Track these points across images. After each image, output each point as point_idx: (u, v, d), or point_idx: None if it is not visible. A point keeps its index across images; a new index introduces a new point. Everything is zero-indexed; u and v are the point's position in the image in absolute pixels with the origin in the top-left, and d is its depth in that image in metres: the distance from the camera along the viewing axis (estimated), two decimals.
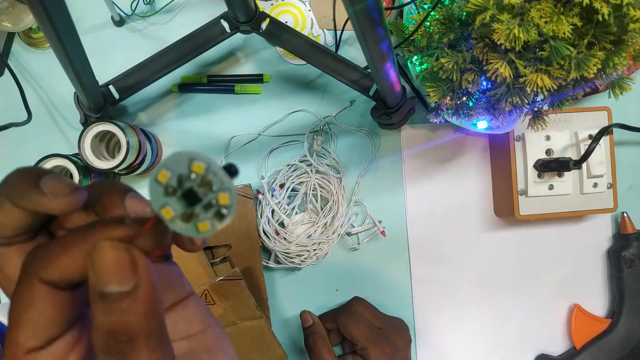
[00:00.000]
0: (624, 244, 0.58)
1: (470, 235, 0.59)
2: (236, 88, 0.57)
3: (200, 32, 0.50)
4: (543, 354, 0.59)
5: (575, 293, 0.60)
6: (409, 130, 0.58)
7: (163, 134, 0.57)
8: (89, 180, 0.49)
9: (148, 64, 0.50)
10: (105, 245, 0.16)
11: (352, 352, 0.51)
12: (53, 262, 0.17)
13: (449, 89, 0.42)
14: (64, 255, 0.17)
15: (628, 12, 0.31)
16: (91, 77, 0.44)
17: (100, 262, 0.16)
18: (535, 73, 0.35)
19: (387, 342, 0.49)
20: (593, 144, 0.50)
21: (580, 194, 0.54)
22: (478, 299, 0.59)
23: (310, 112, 0.57)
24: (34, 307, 0.17)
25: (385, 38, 0.36)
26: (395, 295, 0.58)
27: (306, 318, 0.53)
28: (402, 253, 0.58)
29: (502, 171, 0.56)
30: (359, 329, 0.50)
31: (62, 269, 0.17)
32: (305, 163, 0.56)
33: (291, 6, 0.58)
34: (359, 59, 0.55)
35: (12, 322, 0.17)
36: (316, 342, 0.50)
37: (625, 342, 0.57)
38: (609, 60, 0.34)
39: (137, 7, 0.56)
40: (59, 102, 0.56)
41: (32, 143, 0.56)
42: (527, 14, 0.33)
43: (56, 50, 0.37)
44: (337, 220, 0.55)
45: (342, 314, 0.51)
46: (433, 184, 0.58)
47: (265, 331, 0.52)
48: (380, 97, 0.50)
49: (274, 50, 0.58)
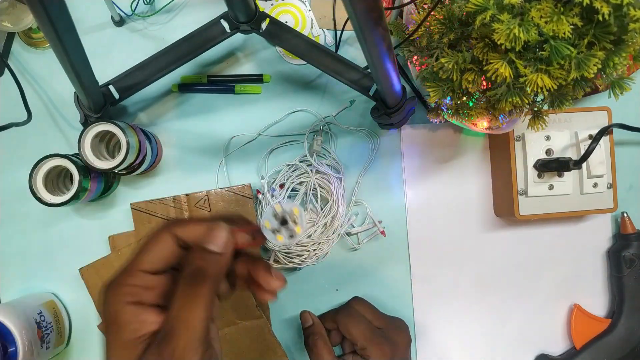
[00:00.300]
0: (624, 244, 0.58)
1: (470, 235, 0.59)
2: (236, 88, 0.57)
3: (200, 32, 0.50)
4: (543, 354, 0.59)
5: (575, 293, 0.60)
6: (409, 130, 0.58)
7: (163, 134, 0.57)
8: (88, 180, 0.49)
9: (148, 64, 0.50)
10: (223, 227, 0.29)
11: (352, 352, 0.51)
12: (186, 227, 0.29)
13: (449, 89, 0.42)
14: (194, 226, 0.29)
15: (628, 12, 0.31)
16: (91, 77, 0.44)
17: (216, 232, 0.28)
18: (535, 73, 0.35)
19: (386, 342, 0.49)
20: (593, 144, 0.50)
21: (580, 194, 0.54)
22: (478, 298, 0.59)
23: (310, 112, 0.57)
24: (161, 245, 0.28)
25: (385, 38, 0.36)
26: (395, 295, 0.58)
27: (306, 318, 0.53)
28: (402, 253, 0.58)
29: (502, 171, 0.56)
30: (358, 328, 0.50)
31: (189, 232, 0.28)
32: (305, 163, 0.56)
33: (291, 6, 0.58)
34: (359, 59, 0.55)
35: (141, 249, 0.28)
36: (316, 342, 0.50)
37: (625, 342, 0.57)
38: (609, 60, 0.34)
39: (137, 7, 0.56)
40: (59, 102, 0.56)
41: (32, 143, 0.56)
42: (527, 14, 0.33)
43: (56, 50, 0.37)
44: (337, 220, 0.55)
45: (342, 314, 0.51)
46: (433, 184, 0.58)
47: (265, 331, 0.52)
48: (380, 97, 0.50)
49: (274, 50, 0.58)
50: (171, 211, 0.54)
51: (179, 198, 0.54)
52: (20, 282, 0.55)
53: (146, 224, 0.53)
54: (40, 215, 0.55)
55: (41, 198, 0.47)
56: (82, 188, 0.48)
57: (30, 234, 0.55)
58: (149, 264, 0.28)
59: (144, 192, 0.56)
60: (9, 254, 0.55)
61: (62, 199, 0.47)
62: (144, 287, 0.27)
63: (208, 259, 0.27)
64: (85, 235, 0.56)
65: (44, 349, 0.50)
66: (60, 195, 0.48)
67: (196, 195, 0.54)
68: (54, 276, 0.56)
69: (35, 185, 0.47)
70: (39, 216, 0.55)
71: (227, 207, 0.54)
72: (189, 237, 0.29)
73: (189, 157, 0.57)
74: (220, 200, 0.54)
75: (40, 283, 0.56)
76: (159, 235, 0.28)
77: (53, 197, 0.47)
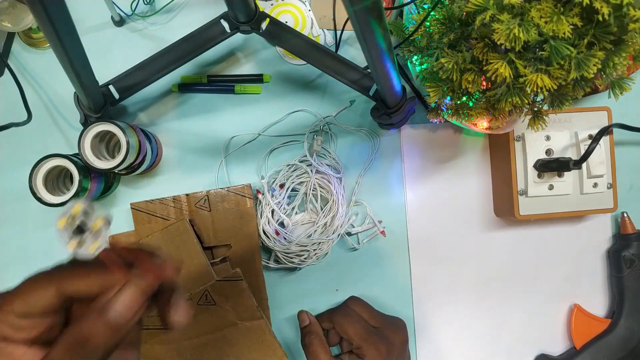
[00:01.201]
0: (624, 244, 0.58)
1: (470, 235, 0.59)
2: (236, 88, 0.57)
3: (200, 32, 0.50)
4: (543, 354, 0.59)
5: (575, 293, 0.60)
6: (409, 130, 0.58)
7: (163, 134, 0.57)
8: (89, 180, 0.49)
9: (148, 64, 0.50)
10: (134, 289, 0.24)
11: (349, 352, 0.51)
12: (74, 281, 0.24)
13: (449, 89, 0.42)
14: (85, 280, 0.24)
15: (628, 12, 0.31)
16: (91, 77, 0.44)
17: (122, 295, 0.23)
18: (535, 73, 0.35)
19: (382, 341, 0.49)
20: (593, 144, 0.50)
21: (580, 194, 0.54)
22: (478, 298, 0.59)
23: (310, 112, 0.57)
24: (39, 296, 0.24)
25: (385, 38, 0.36)
26: (395, 295, 0.58)
27: (303, 318, 0.54)
28: (402, 253, 0.58)
29: (502, 171, 0.56)
30: (354, 328, 0.50)
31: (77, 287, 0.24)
32: (305, 163, 0.56)
33: (291, 6, 0.58)
34: (359, 59, 0.55)
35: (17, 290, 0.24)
36: (312, 341, 0.50)
37: (625, 342, 0.57)
38: (609, 60, 0.34)
39: (137, 7, 0.56)
40: (59, 102, 0.56)
41: (32, 143, 0.56)
42: (527, 14, 0.33)
43: (56, 50, 0.37)
44: (337, 220, 0.55)
45: (338, 314, 0.52)
46: (433, 184, 0.58)
47: (265, 331, 0.52)
48: (380, 97, 0.50)
49: (274, 50, 0.58)
50: (171, 211, 0.54)
51: (179, 198, 0.54)
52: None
53: (146, 224, 0.53)
54: (40, 215, 0.55)
55: (41, 198, 0.47)
56: (82, 188, 0.48)
57: (30, 234, 0.55)
58: (19, 308, 0.24)
59: (144, 192, 0.56)
60: (9, 254, 0.55)
61: (62, 199, 0.47)
62: (12, 327, 0.24)
63: (100, 328, 0.23)
64: None
65: None
66: (60, 195, 0.48)
67: (196, 195, 0.54)
68: None
69: (35, 185, 0.47)
70: (39, 216, 0.55)
71: (227, 207, 0.54)
72: (78, 292, 0.24)
73: (189, 157, 0.57)
74: (220, 200, 0.54)
75: None
76: (40, 285, 0.24)
77: (53, 197, 0.47)
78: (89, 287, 0.24)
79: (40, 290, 0.24)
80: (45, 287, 0.24)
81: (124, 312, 0.23)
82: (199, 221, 0.54)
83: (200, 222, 0.54)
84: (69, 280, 0.24)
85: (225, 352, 0.52)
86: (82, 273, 0.25)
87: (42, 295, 0.24)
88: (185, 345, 0.51)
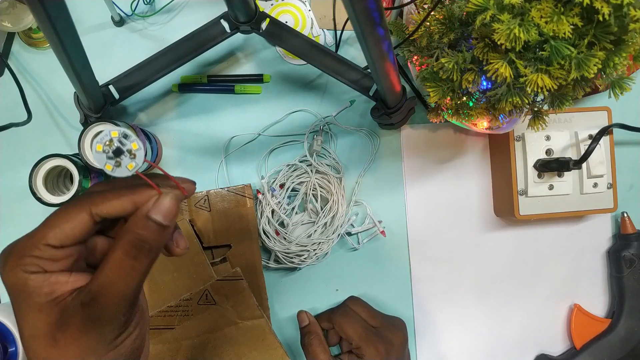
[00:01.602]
0: (624, 244, 0.58)
1: (470, 235, 0.59)
2: (236, 88, 0.57)
3: (200, 32, 0.50)
4: (543, 354, 0.59)
5: (575, 293, 0.60)
6: (409, 130, 0.58)
7: (163, 134, 0.57)
8: (89, 181, 0.49)
9: (148, 64, 0.50)
10: (171, 196, 0.26)
11: (348, 352, 0.51)
12: (107, 203, 0.26)
13: (449, 89, 0.42)
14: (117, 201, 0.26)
15: (628, 12, 0.31)
16: (91, 77, 0.44)
17: (163, 202, 0.26)
18: (536, 73, 0.35)
19: (380, 341, 0.49)
20: (593, 144, 0.50)
21: (580, 194, 0.54)
22: (478, 298, 0.59)
23: (310, 112, 0.57)
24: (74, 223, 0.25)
25: (385, 38, 0.36)
26: (395, 295, 0.58)
27: (302, 318, 0.54)
28: (402, 253, 0.58)
29: (502, 171, 0.56)
30: (353, 327, 0.50)
31: (111, 208, 0.26)
32: (305, 163, 0.56)
33: (291, 6, 0.58)
34: (359, 59, 0.55)
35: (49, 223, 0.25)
36: (311, 341, 0.51)
37: (625, 342, 0.57)
38: (609, 60, 0.34)
39: (137, 7, 0.56)
40: (59, 102, 0.56)
41: (32, 143, 0.56)
42: (527, 14, 0.33)
43: (56, 50, 0.37)
44: (337, 220, 0.55)
45: (337, 313, 0.52)
46: (433, 184, 0.58)
47: (266, 331, 0.52)
48: (380, 97, 0.50)
49: (274, 50, 0.58)
50: None
51: None
52: None
53: None
54: (40, 215, 0.55)
55: (41, 198, 0.47)
56: (82, 188, 0.48)
57: None
58: (55, 239, 0.25)
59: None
60: None
61: (62, 199, 0.47)
62: (50, 259, 0.25)
63: (152, 230, 0.25)
64: None
65: None
66: (60, 195, 0.48)
67: (196, 195, 0.54)
68: None
69: (35, 185, 0.47)
70: (39, 216, 0.55)
71: (227, 207, 0.54)
72: (112, 212, 0.26)
73: (189, 157, 0.57)
74: (220, 200, 0.54)
75: None
76: (73, 212, 0.26)
77: (53, 197, 0.47)
78: (122, 205, 0.26)
79: (73, 218, 0.25)
80: (77, 213, 0.25)
81: (168, 214, 0.26)
82: (199, 221, 0.54)
83: (200, 222, 0.54)
84: (101, 203, 0.26)
85: (226, 352, 0.52)
86: (112, 195, 0.26)
87: (75, 222, 0.25)
88: (185, 345, 0.51)
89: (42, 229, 0.25)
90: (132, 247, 0.25)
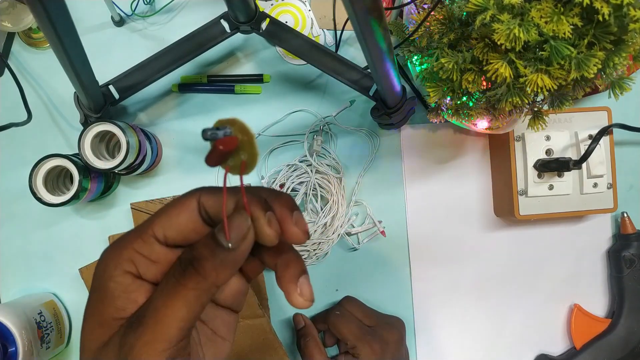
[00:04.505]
0: (624, 244, 0.58)
1: (470, 235, 0.59)
2: (236, 88, 0.57)
3: (200, 32, 0.50)
4: (543, 354, 0.59)
5: (575, 293, 0.60)
6: (409, 130, 0.58)
7: (163, 134, 0.57)
8: (89, 181, 0.49)
9: (148, 64, 0.50)
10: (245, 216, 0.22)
11: (345, 352, 0.51)
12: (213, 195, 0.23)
13: (449, 89, 0.42)
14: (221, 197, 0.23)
15: (628, 12, 0.31)
16: (91, 77, 0.44)
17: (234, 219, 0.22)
18: (536, 73, 0.35)
19: (376, 340, 0.49)
20: (593, 144, 0.50)
21: (580, 194, 0.54)
22: (478, 298, 0.59)
23: (310, 112, 0.57)
24: (183, 210, 0.23)
25: (385, 38, 0.36)
26: (395, 295, 0.58)
27: (298, 320, 0.54)
28: (402, 253, 0.58)
29: (502, 171, 0.56)
30: (348, 327, 0.50)
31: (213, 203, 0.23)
32: (305, 163, 0.56)
33: (291, 6, 0.58)
34: (359, 59, 0.55)
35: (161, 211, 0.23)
36: (307, 344, 0.50)
37: (625, 342, 0.57)
38: (609, 60, 0.34)
39: (137, 7, 0.56)
40: (59, 102, 0.56)
41: (32, 143, 0.56)
42: (527, 14, 0.33)
43: (56, 50, 0.37)
44: (337, 220, 0.55)
45: (332, 314, 0.52)
46: (433, 184, 0.58)
47: (266, 330, 0.52)
48: (380, 97, 0.50)
49: (274, 50, 0.58)
50: None
51: None
52: (20, 282, 0.55)
53: None
54: (40, 215, 0.55)
55: (41, 198, 0.47)
56: (82, 188, 0.48)
57: (30, 234, 0.55)
58: (162, 229, 0.23)
59: (144, 192, 0.56)
60: (9, 254, 0.55)
61: (62, 199, 0.47)
62: (150, 258, 0.23)
63: (211, 251, 0.22)
64: (85, 235, 0.56)
65: (44, 348, 0.50)
66: (60, 195, 0.48)
67: None
68: (54, 276, 0.56)
69: (35, 185, 0.47)
70: (39, 216, 0.55)
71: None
72: (213, 209, 0.23)
73: (189, 157, 0.57)
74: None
75: (40, 283, 0.56)
76: (184, 198, 0.24)
77: (53, 197, 0.47)
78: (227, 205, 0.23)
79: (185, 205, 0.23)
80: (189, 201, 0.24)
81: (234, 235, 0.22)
82: None
83: None
84: (210, 194, 0.24)
85: None
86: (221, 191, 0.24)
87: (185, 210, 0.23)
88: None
89: (150, 219, 0.23)
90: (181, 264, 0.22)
